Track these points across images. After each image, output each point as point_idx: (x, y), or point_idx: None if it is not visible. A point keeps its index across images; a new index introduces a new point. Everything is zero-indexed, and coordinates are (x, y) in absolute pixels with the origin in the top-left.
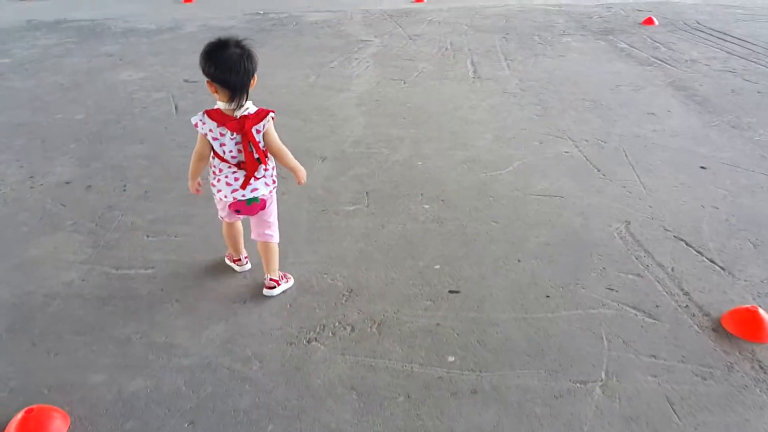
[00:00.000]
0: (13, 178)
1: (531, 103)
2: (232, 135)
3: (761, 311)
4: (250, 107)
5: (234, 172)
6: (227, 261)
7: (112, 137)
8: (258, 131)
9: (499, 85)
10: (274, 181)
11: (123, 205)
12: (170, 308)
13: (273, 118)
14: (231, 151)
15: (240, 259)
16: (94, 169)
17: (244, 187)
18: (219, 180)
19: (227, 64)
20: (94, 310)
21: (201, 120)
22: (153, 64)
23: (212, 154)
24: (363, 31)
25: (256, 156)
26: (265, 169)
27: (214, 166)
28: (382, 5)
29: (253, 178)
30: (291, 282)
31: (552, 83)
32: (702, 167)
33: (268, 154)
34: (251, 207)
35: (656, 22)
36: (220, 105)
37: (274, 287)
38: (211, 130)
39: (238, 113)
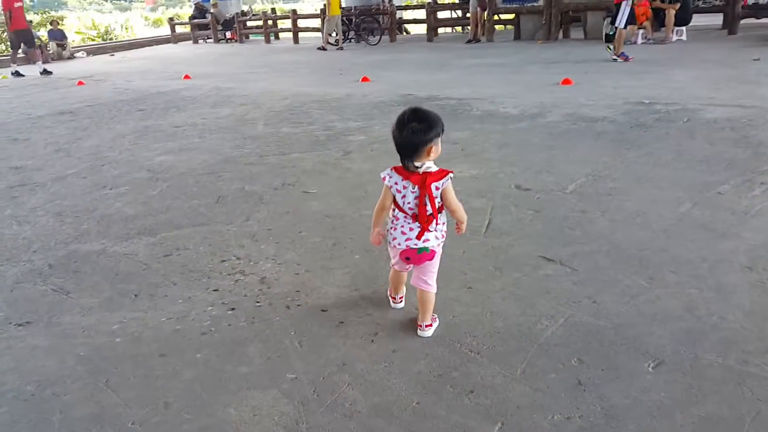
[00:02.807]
0: (277, 289)
1: None
2: (413, 188)
3: None
4: (432, 166)
5: (409, 223)
6: (388, 294)
7: None
8: (437, 188)
9: None
10: (443, 236)
11: (360, 365)
12: None
13: (451, 178)
14: (409, 203)
15: (396, 298)
16: (363, 295)
17: (419, 237)
18: (395, 229)
19: (402, 133)
20: None
21: (389, 174)
22: (492, 159)
23: (393, 205)
24: None
25: (429, 211)
26: (437, 224)
27: (393, 216)
28: None
29: (427, 231)
30: (437, 322)
31: None
32: None
33: (443, 211)
34: (420, 256)
35: None
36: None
37: (426, 330)
38: (396, 183)
39: (421, 170)
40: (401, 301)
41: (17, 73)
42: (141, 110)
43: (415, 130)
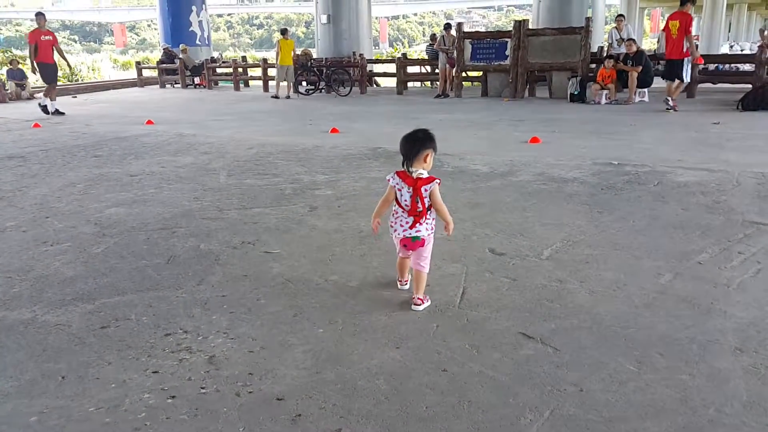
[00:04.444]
0: (227, 371)
1: None
2: (408, 189)
3: None
4: (423, 173)
5: (405, 218)
6: (397, 279)
7: (375, 328)
8: (426, 190)
9: None
10: (432, 227)
11: None
12: None
13: (439, 183)
14: (405, 200)
15: (402, 281)
16: (324, 382)
17: (412, 227)
18: (396, 222)
19: (404, 142)
20: None
21: (392, 176)
22: (465, 219)
23: (395, 203)
24: (754, 207)
25: (419, 209)
26: (426, 219)
27: (395, 212)
28: None
29: (418, 223)
30: (429, 302)
31: None
32: None
33: (431, 209)
34: (414, 243)
35: None
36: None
37: (420, 304)
38: (397, 183)
39: (415, 175)
40: (406, 283)
41: (45, 109)
42: (97, 156)
43: (418, 138)
